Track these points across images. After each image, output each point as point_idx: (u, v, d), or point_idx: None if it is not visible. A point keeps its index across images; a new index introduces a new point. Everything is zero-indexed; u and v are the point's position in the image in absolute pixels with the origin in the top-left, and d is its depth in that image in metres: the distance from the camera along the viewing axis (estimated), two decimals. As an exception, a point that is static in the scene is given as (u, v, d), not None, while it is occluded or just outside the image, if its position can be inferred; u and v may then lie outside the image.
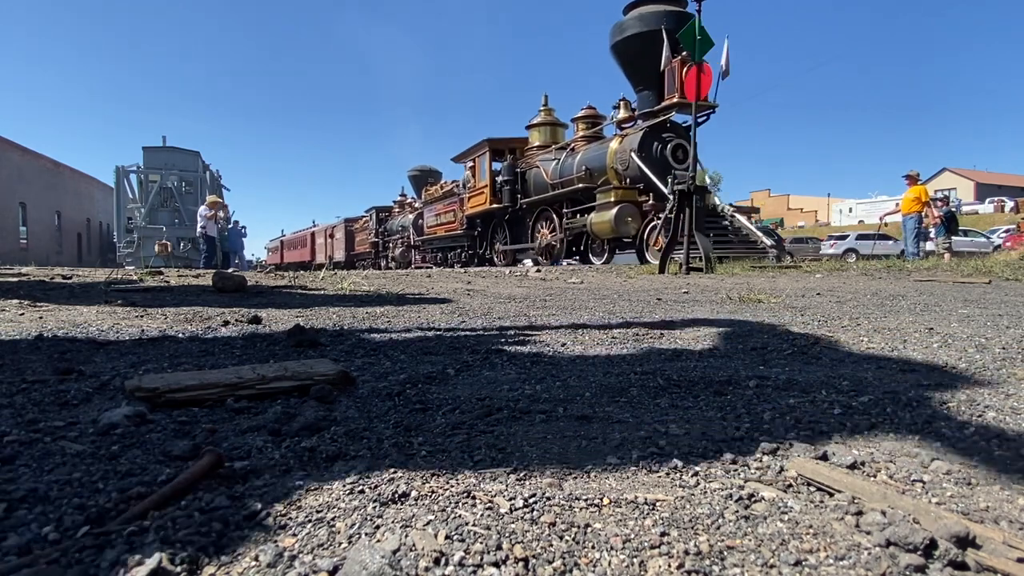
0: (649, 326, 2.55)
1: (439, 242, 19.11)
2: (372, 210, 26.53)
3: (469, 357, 1.84)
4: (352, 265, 27.34)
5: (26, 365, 1.61)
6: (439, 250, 19.50)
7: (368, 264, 26.19)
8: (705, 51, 8.47)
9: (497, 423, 1.14)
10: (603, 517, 0.71)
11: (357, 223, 28.66)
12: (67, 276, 5.81)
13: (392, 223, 24.44)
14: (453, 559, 0.60)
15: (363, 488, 0.79)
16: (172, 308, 3.14)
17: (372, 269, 22.44)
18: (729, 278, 5.94)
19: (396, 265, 22.29)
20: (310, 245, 33.45)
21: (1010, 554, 0.60)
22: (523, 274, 7.46)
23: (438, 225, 18.79)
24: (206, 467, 0.82)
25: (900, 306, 3.20)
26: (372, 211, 26.50)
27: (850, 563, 0.60)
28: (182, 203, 30.13)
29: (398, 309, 3.32)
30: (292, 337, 2.09)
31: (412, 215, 21.75)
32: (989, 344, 1.93)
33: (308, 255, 32.96)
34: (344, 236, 28.83)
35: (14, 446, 0.94)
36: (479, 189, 15.49)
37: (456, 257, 18.19)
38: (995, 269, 5.32)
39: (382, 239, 25.28)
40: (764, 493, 0.76)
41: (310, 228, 35.11)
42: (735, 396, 1.34)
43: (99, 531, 0.66)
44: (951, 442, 1.01)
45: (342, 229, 29.15)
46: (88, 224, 37.16)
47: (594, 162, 11.89)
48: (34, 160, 30.68)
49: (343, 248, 28.80)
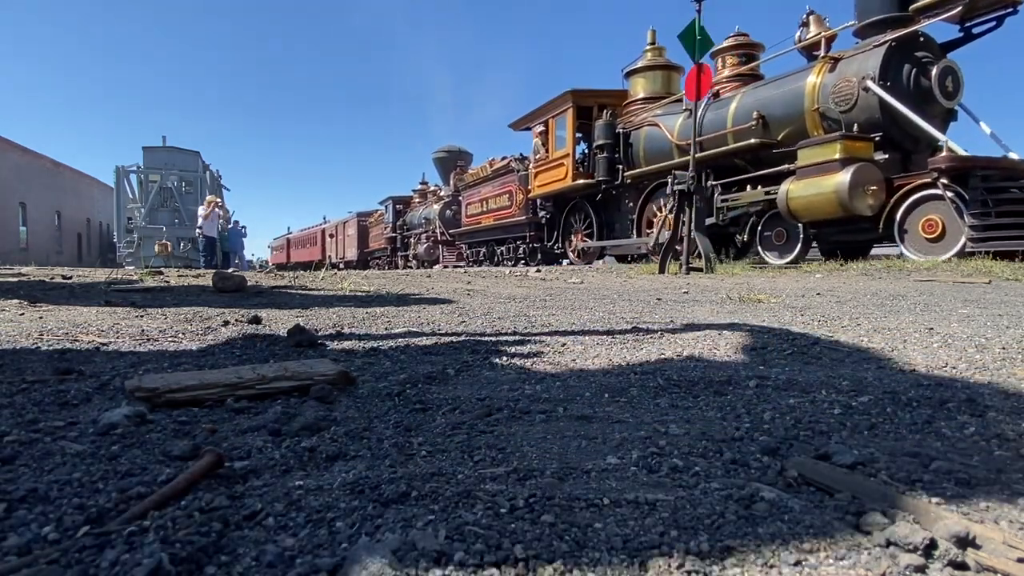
0: (649, 326, 2.55)
1: (485, 234, 15.32)
2: (388, 201, 23.37)
3: (469, 357, 1.84)
4: (365, 264, 25.17)
5: (26, 365, 1.61)
6: (483, 244, 15.72)
7: (384, 263, 23.54)
8: (705, 51, 8.38)
9: (497, 423, 1.14)
10: (603, 517, 0.70)
11: (371, 217, 26.05)
12: (67, 276, 5.81)
13: (412, 215, 21.47)
14: (454, 559, 0.60)
15: (363, 488, 0.79)
16: (172, 308, 3.14)
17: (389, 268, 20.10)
18: (729, 278, 5.94)
19: (418, 264, 19.35)
20: (320, 243, 31.75)
21: (1010, 554, 0.60)
22: (523, 274, 7.47)
23: (484, 213, 15.00)
24: (206, 467, 0.82)
25: (900, 306, 3.20)
26: (388, 202, 23.37)
27: (850, 563, 0.60)
28: (182, 203, 30.10)
29: (398, 309, 3.32)
30: (292, 337, 2.09)
31: (438, 205, 18.85)
32: (989, 344, 1.93)
33: (318, 253, 30.96)
34: (356, 232, 26.63)
35: (14, 446, 0.94)
36: (555, 160, 11.61)
37: (510, 253, 14.23)
38: (995, 269, 5.31)
39: (400, 234, 22.30)
40: (764, 493, 0.76)
41: (320, 224, 33.42)
42: (735, 396, 1.33)
43: (99, 531, 0.66)
44: (951, 442, 1.01)
45: (354, 224, 26.96)
46: (88, 224, 37.15)
47: (774, 106, 8.05)
48: (34, 160, 30.67)
49: (355, 245, 26.59)
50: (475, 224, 15.59)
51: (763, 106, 8.20)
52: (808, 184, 6.92)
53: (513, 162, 13.86)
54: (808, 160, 7.01)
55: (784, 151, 7.70)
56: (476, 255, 16.18)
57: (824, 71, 7.62)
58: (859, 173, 6.50)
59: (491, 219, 14.73)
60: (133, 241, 29.22)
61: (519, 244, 13.94)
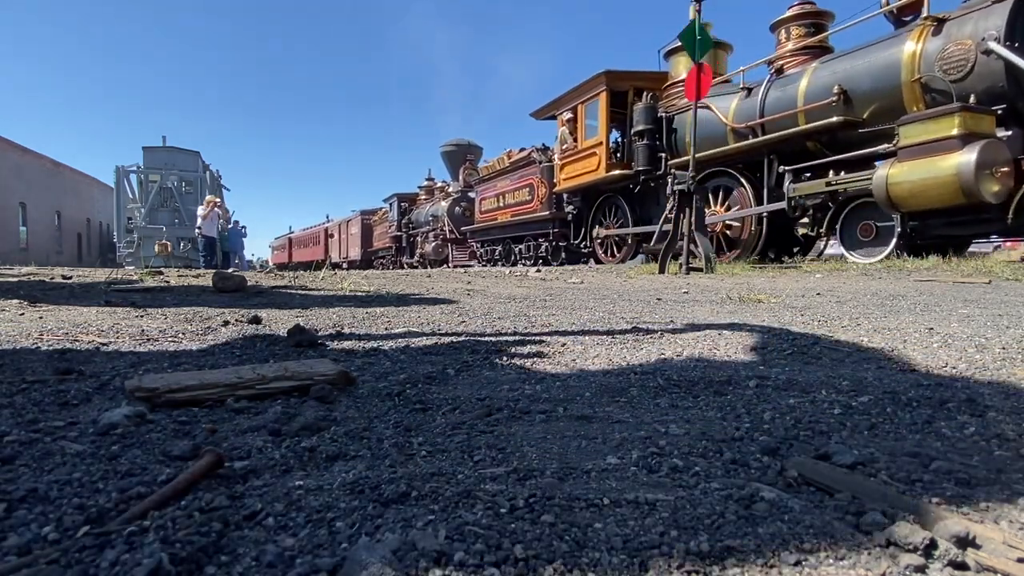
0: (649, 326, 2.55)
1: (501, 231, 14.22)
2: (393, 198, 22.39)
3: (469, 357, 1.84)
4: (369, 264, 24.39)
5: (26, 365, 1.61)
6: (499, 242, 14.62)
7: (388, 262, 22.66)
8: (705, 51, 8.34)
9: (497, 423, 1.14)
10: (603, 517, 0.71)
11: (375, 215, 25.19)
12: (67, 276, 5.82)
13: (419, 213, 20.51)
14: (454, 559, 0.60)
15: (363, 488, 0.79)
16: (172, 308, 3.14)
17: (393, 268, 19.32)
18: (729, 278, 5.94)
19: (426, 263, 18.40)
20: (323, 242, 31.04)
21: (1010, 554, 0.60)
22: (523, 275, 7.47)
23: (500, 209, 13.95)
24: (206, 467, 0.82)
25: (900, 306, 3.20)
26: (393, 199, 22.38)
27: (850, 563, 0.60)
28: (182, 203, 30.09)
29: (398, 309, 3.32)
30: (292, 337, 2.09)
31: (447, 201, 17.85)
32: (989, 344, 1.93)
33: (321, 253, 30.30)
34: (360, 231, 25.82)
35: (14, 446, 0.94)
36: (585, 150, 10.59)
37: (530, 251, 13.21)
38: (995, 269, 5.31)
39: (406, 232, 21.39)
40: (764, 493, 0.76)
41: (323, 224, 32.79)
42: (735, 396, 1.33)
43: (99, 531, 0.66)
44: (951, 442, 1.01)
45: (358, 223, 26.04)
46: (88, 224, 37.17)
47: (859, 79, 6.95)
48: (34, 160, 30.68)
49: (359, 244, 25.79)
50: (490, 220, 14.43)
51: (845, 80, 7.05)
52: (916, 167, 5.78)
53: (535, 153, 12.71)
54: (915, 138, 5.87)
55: (872, 131, 6.74)
56: (490, 254, 14.99)
57: (926, 35, 6.46)
58: (987, 151, 5.36)
59: (508, 215, 13.59)
60: (133, 241, 29.23)
61: (540, 242, 12.90)
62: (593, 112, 10.42)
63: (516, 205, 13.32)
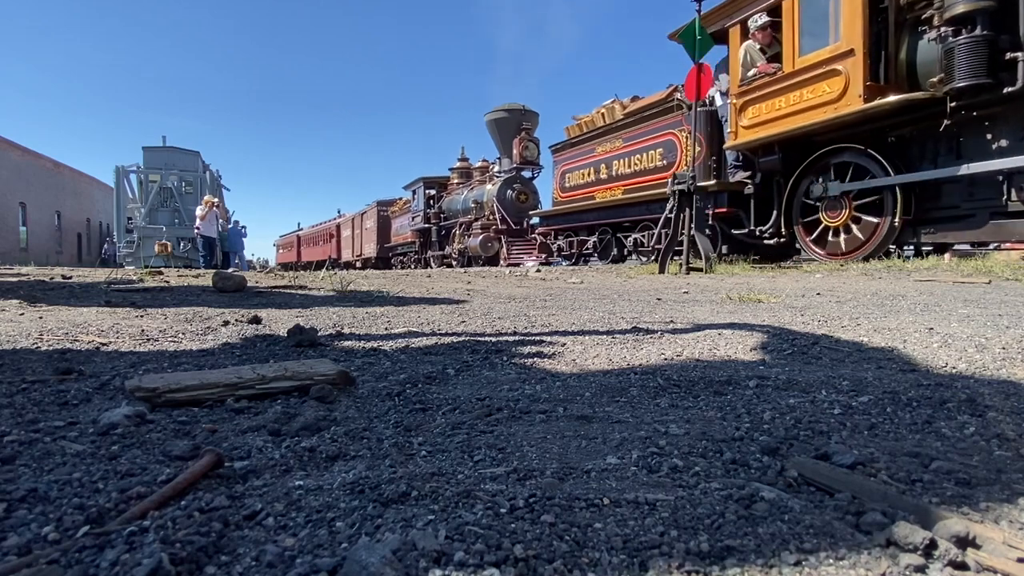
0: (649, 326, 2.55)
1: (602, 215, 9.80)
2: (418, 183, 18.60)
3: (469, 357, 1.84)
4: (387, 263, 21.46)
5: (26, 365, 1.61)
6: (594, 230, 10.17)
7: (411, 260, 19.37)
8: (705, 51, 8.31)
9: (497, 423, 1.14)
10: (603, 517, 0.70)
11: (394, 206, 21.73)
12: (67, 276, 5.82)
13: (452, 200, 16.94)
14: (454, 559, 0.60)
15: (363, 488, 0.79)
16: (172, 308, 3.14)
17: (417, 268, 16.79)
18: (729, 278, 5.94)
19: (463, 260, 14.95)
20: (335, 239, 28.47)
21: (1010, 554, 0.60)
22: (523, 275, 7.46)
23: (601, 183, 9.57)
24: (206, 467, 0.82)
25: (900, 306, 3.20)
26: (418, 184, 18.62)
27: (850, 563, 0.60)
28: (182, 203, 30.07)
29: (398, 309, 3.32)
30: (292, 337, 2.09)
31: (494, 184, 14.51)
32: (989, 344, 1.93)
33: (333, 251, 27.78)
34: (376, 224, 22.84)
35: (14, 446, 0.94)
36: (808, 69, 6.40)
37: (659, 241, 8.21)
38: (995, 269, 5.31)
39: (436, 224, 17.67)
40: (764, 493, 0.76)
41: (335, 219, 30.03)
42: (735, 396, 1.33)
43: (99, 531, 0.66)
44: (951, 442, 1.01)
45: (373, 216, 23.04)
46: (88, 224, 37.17)
47: None
48: (34, 160, 30.69)
49: (375, 240, 22.83)
50: (582, 201, 10.05)
51: None
52: None
53: (678, 93, 8.50)
54: None
55: None
56: (578, 247, 10.48)
57: None
58: None
59: (619, 190, 9.27)
60: (133, 241, 29.22)
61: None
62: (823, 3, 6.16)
63: (636, 175, 8.99)
